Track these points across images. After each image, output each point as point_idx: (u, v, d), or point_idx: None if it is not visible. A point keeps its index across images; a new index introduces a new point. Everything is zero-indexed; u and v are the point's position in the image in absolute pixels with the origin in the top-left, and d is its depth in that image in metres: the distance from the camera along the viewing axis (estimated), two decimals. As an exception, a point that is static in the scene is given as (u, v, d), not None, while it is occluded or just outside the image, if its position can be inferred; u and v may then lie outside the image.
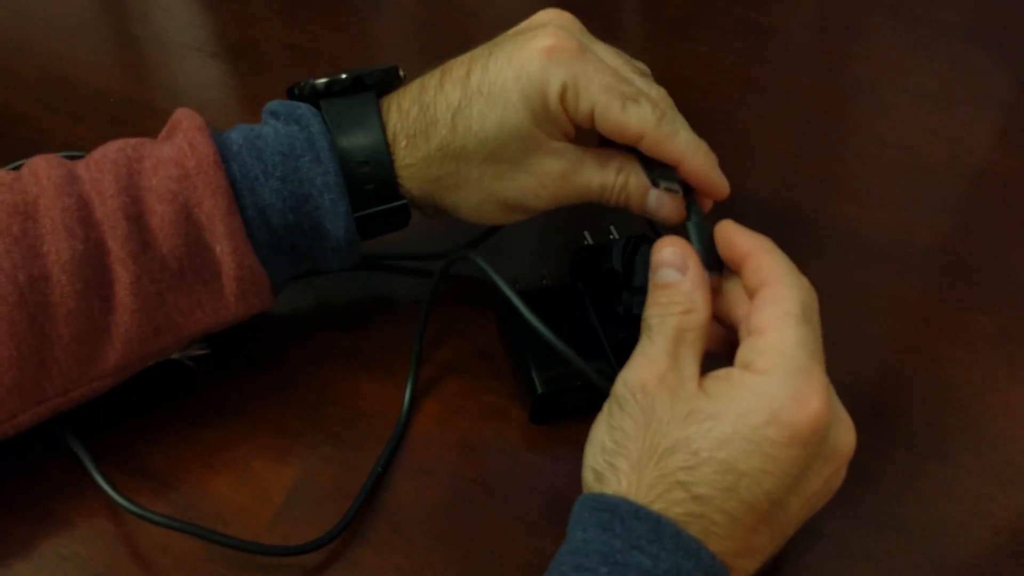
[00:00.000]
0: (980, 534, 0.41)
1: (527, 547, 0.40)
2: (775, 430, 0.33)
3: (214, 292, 0.39)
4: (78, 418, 0.42)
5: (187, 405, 0.44)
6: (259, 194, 0.39)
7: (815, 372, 0.34)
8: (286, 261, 0.42)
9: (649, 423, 0.34)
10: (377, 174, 0.41)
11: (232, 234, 0.38)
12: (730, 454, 0.33)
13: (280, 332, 0.47)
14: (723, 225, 0.39)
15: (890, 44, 0.66)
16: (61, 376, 0.38)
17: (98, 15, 0.67)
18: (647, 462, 0.34)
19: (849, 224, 0.53)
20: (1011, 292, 0.50)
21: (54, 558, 0.39)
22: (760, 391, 0.33)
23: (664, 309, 0.37)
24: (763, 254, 0.37)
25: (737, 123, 0.59)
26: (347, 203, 0.40)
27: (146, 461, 0.42)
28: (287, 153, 0.39)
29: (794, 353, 0.34)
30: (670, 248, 0.38)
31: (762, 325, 0.35)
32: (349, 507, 0.40)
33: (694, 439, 0.33)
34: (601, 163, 0.41)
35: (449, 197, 0.42)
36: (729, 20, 0.67)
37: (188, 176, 0.38)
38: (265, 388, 0.45)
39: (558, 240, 0.51)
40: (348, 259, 0.43)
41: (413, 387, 0.44)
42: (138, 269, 0.37)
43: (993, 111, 0.61)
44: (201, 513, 0.40)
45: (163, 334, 0.39)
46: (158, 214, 0.38)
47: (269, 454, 0.42)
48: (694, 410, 0.34)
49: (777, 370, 0.34)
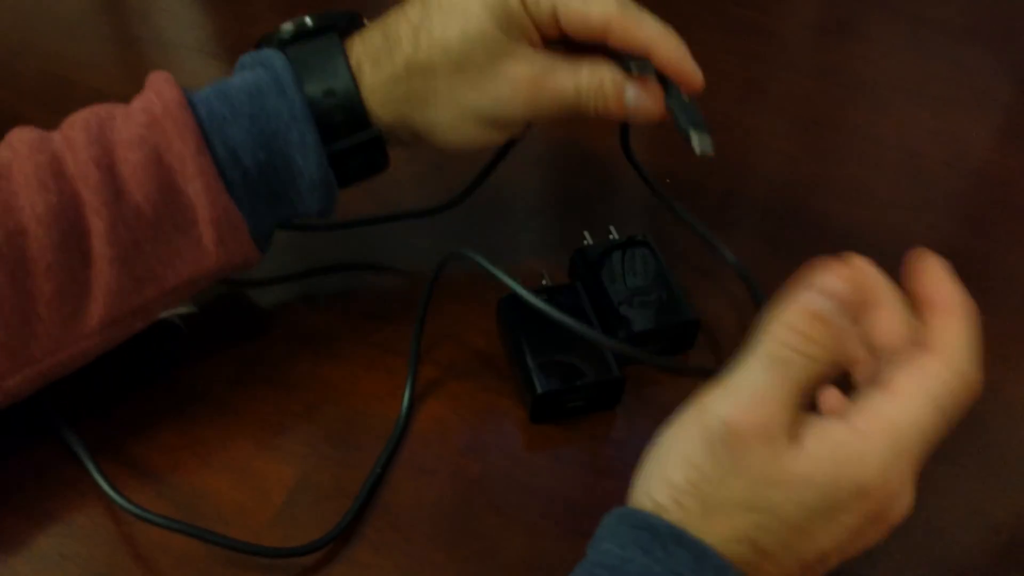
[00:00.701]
0: (979, 534, 0.41)
1: (527, 547, 0.40)
2: (858, 503, 0.31)
3: (192, 240, 0.39)
4: (78, 418, 0.42)
5: (187, 405, 0.44)
6: (228, 134, 0.39)
7: (916, 463, 0.32)
8: (263, 205, 0.41)
9: (737, 473, 0.31)
10: (344, 102, 0.41)
11: (203, 173, 0.38)
12: (811, 520, 0.31)
13: (280, 332, 0.47)
14: (921, 256, 0.34)
15: (890, 44, 0.66)
16: (47, 335, 0.38)
17: (98, 15, 0.67)
18: (720, 513, 0.31)
19: (848, 224, 0.53)
20: (1010, 292, 0.50)
21: (54, 557, 0.39)
22: (859, 459, 0.31)
23: (804, 346, 0.31)
24: (954, 318, 0.32)
25: (737, 123, 0.59)
26: (315, 135, 0.40)
27: (146, 461, 0.42)
28: (253, 93, 0.40)
29: (906, 436, 0.31)
30: (845, 276, 0.31)
31: (896, 387, 0.31)
32: (349, 507, 0.40)
33: (780, 505, 0.31)
34: (573, 66, 0.41)
35: (422, 116, 0.41)
36: (729, 20, 0.67)
37: (156, 121, 0.38)
38: (265, 388, 0.45)
39: (558, 240, 0.51)
40: (326, 201, 0.42)
41: (412, 387, 0.44)
42: (112, 217, 0.37)
43: (992, 111, 0.61)
44: (201, 513, 0.40)
45: (144, 285, 0.39)
46: (129, 161, 0.38)
47: (269, 454, 0.42)
48: (788, 473, 0.31)
49: (885, 446, 0.31)
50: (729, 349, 0.47)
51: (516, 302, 0.45)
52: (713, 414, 0.31)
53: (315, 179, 0.41)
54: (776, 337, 0.31)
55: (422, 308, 0.45)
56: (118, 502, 0.39)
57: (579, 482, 0.42)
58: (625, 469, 0.42)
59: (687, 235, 0.52)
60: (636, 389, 0.45)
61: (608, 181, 0.56)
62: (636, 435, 0.44)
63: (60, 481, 0.41)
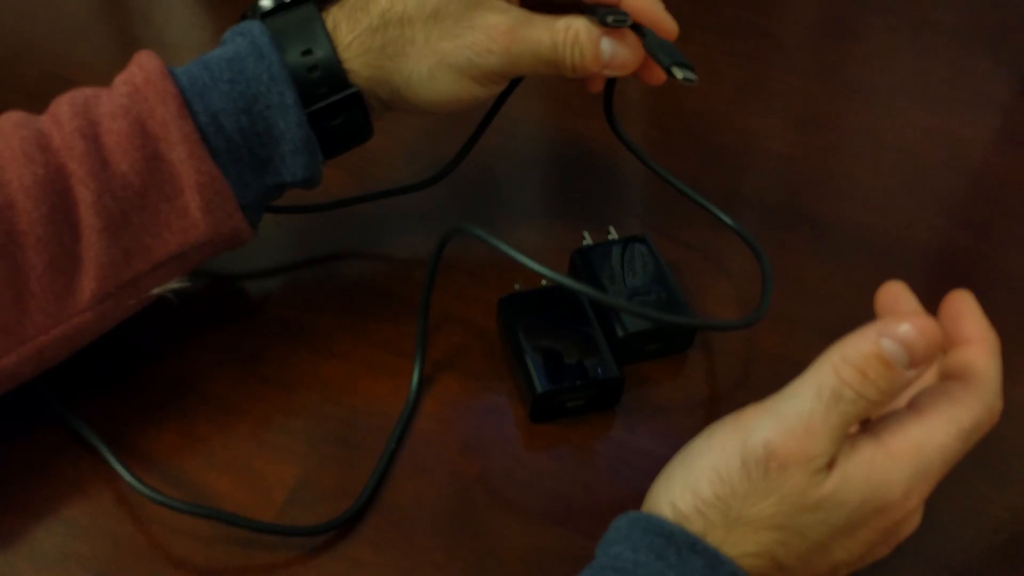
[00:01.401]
0: (978, 533, 0.41)
1: (527, 546, 0.40)
2: (877, 519, 0.32)
3: (179, 209, 0.39)
4: (78, 417, 0.43)
5: (188, 405, 0.44)
6: (209, 100, 0.39)
7: (934, 483, 0.33)
8: (248, 172, 0.41)
9: (768, 495, 0.31)
10: (322, 62, 0.41)
11: (186, 138, 0.38)
12: (833, 539, 0.32)
13: (280, 332, 0.47)
14: (962, 296, 0.35)
15: (888, 45, 0.66)
16: (40, 311, 0.38)
17: (100, 16, 0.67)
18: (744, 528, 0.32)
19: (847, 225, 0.53)
20: (1008, 292, 0.50)
21: (56, 556, 0.39)
22: (886, 480, 0.31)
23: (863, 388, 0.31)
24: (986, 352, 0.34)
25: (735, 124, 0.59)
26: (294, 95, 0.40)
27: (148, 460, 0.42)
28: (232, 59, 0.40)
29: (932, 459, 0.32)
30: (926, 331, 0.31)
31: (927, 412, 0.32)
32: (351, 505, 0.40)
33: (810, 526, 0.31)
34: (548, 21, 0.41)
35: (399, 68, 0.41)
36: (727, 21, 0.67)
37: (138, 90, 0.39)
38: (266, 388, 0.45)
39: (558, 240, 0.51)
40: (311, 167, 0.42)
41: (419, 380, 0.44)
42: (99, 187, 0.38)
43: (991, 112, 0.61)
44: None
45: (134, 258, 0.39)
46: (113, 131, 0.38)
47: (271, 453, 0.43)
48: (823, 500, 0.31)
49: (912, 468, 0.32)
50: (728, 349, 0.47)
51: (516, 301, 0.46)
52: (756, 434, 0.32)
53: (297, 141, 0.41)
54: (838, 372, 0.31)
55: (428, 280, 0.45)
56: (134, 486, 0.39)
57: (579, 482, 0.42)
58: (625, 469, 0.43)
59: (687, 235, 0.52)
60: (636, 389, 0.45)
61: (607, 181, 0.56)
62: (636, 435, 0.44)
63: (62, 479, 0.41)
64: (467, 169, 0.51)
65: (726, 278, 0.50)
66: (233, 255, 0.45)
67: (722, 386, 0.46)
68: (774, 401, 0.33)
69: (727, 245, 0.52)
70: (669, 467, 0.35)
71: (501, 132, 0.58)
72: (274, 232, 0.52)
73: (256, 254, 0.51)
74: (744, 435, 0.32)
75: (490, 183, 0.53)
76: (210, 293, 0.49)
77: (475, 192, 0.50)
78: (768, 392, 0.45)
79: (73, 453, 0.42)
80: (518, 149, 0.51)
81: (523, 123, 0.59)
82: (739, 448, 0.32)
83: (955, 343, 0.34)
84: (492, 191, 0.55)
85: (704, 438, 0.34)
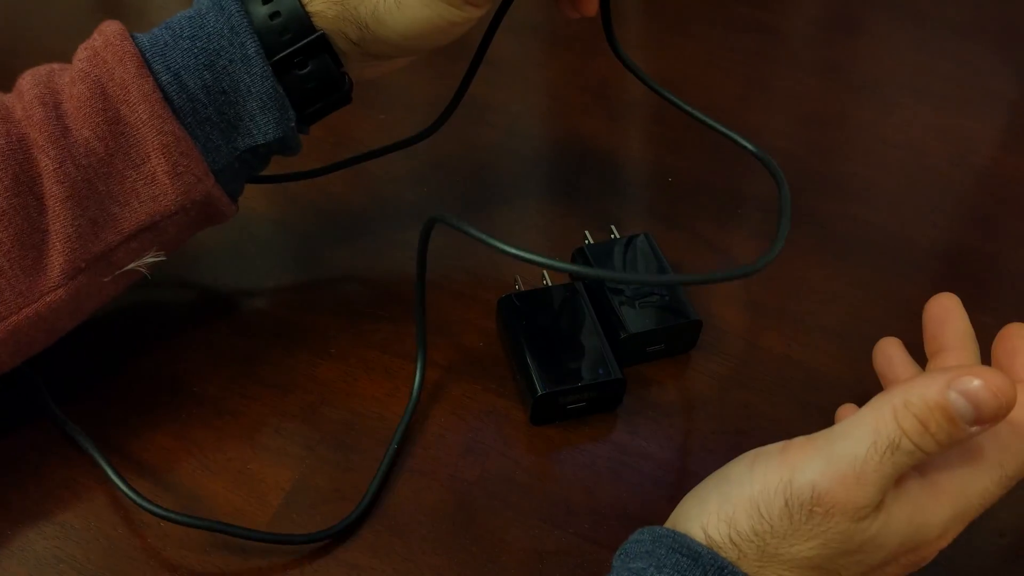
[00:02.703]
0: (983, 536, 0.40)
1: (528, 550, 0.39)
2: (907, 556, 0.32)
3: (146, 175, 0.39)
4: (73, 419, 0.42)
5: (183, 407, 0.44)
6: (170, 57, 0.39)
7: (967, 523, 0.32)
8: (217, 133, 0.40)
9: (810, 538, 0.30)
10: (282, 4, 0.39)
11: (146, 97, 0.38)
12: (863, 574, 0.31)
13: (277, 332, 0.47)
14: (1020, 331, 0.34)
15: (894, 42, 0.65)
16: (11, 289, 0.37)
17: (95, 14, 0.67)
18: (779, 564, 0.31)
19: (852, 223, 0.53)
20: (1015, 292, 0.50)
21: (49, 559, 0.39)
22: (927, 521, 0.31)
23: (922, 440, 0.29)
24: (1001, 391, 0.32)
25: (739, 121, 0.59)
26: (256, 44, 0.39)
27: (141, 463, 0.42)
28: (193, 16, 0.39)
29: (972, 503, 0.32)
30: (1000, 392, 0.29)
31: (972, 453, 0.32)
32: (352, 508, 0.40)
33: (847, 566, 0.31)
34: None
35: (364, 2, 0.39)
36: (732, 17, 0.67)
37: (97, 54, 0.38)
38: (262, 390, 0.45)
39: (558, 240, 0.51)
40: (281, 122, 0.40)
41: (421, 384, 0.44)
42: (60, 155, 0.37)
43: (997, 109, 0.60)
44: (197, 515, 0.40)
45: (102, 229, 0.38)
46: (74, 96, 0.38)
47: (266, 456, 0.42)
48: (865, 543, 0.31)
49: (951, 511, 0.31)
50: (730, 351, 0.47)
51: (516, 301, 0.45)
52: (803, 475, 0.30)
53: (264, 96, 0.40)
54: (898, 419, 0.30)
55: (419, 275, 0.43)
56: (130, 496, 0.39)
57: (580, 485, 0.42)
58: (627, 472, 0.42)
59: (689, 234, 0.51)
60: (637, 390, 0.45)
61: (609, 180, 0.55)
62: (637, 437, 0.43)
63: (56, 481, 0.41)
64: (467, 167, 0.50)
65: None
66: (228, 255, 0.45)
67: (725, 388, 0.45)
68: (826, 440, 0.31)
69: (730, 243, 0.51)
70: (703, 489, 0.33)
71: (501, 129, 0.57)
72: (270, 233, 0.52)
73: (251, 254, 0.50)
74: (790, 474, 0.31)
75: (490, 182, 0.52)
76: (205, 294, 0.49)
77: (475, 191, 0.50)
78: (769, 393, 0.45)
79: (67, 455, 0.42)
80: (519, 147, 0.51)
81: (523, 121, 0.59)
82: (784, 487, 0.31)
83: (1012, 373, 0.33)
84: (493, 190, 0.54)
85: (745, 465, 0.33)
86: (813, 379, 0.45)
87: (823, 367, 0.46)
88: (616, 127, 0.52)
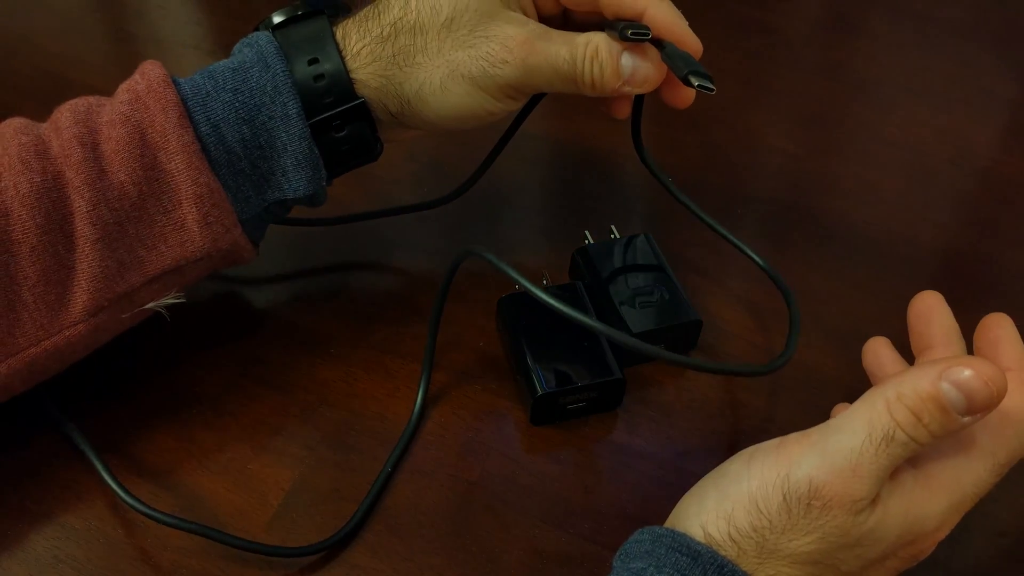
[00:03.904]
0: (984, 536, 0.40)
1: (528, 550, 0.39)
2: (906, 549, 0.32)
3: (176, 221, 0.39)
4: (73, 419, 0.42)
5: (183, 407, 0.44)
6: (211, 108, 0.39)
7: (963, 514, 0.33)
8: (249, 186, 0.40)
9: (808, 532, 0.31)
10: (328, 67, 0.40)
11: (185, 148, 0.38)
12: (864, 569, 0.32)
13: (277, 333, 0.47)
14: (1000, 321, 0.35)
15: (894, 42, 0.65)
16: (32, 323, 0.37)
17: (94, 12, 0.67)
18: (778, 560, 0.31)
19: (852, 223, 0.53)
20: (1016, 291, 0.50)
21: (49, 560, 0.39)
22: (923, 514, 0.31)
23: (915, 431, 0.30)
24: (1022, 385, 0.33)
25: (739, 121, 0.59)
26: (298, 105, 0.39)
27: (142, 463, 0.42)
28: (237, 68, 0.40)
29: (967, 493, 0.32)
30: (991, 381, 0.29)
31: (964, 443, 0.32)
32: (353, 511, 0.40)
33: (846, 560, 0.31)
34: (567, 36, 0.40)
35: (410, 79, 0.40)
36: (732, 17, 0.67)
37: (139, 98, 0.38)
38: (262, 390, 0.44)
39: (558, 240, 0.51)
40: (314, 182, 0.41)
41: (427, 388, 0.44)
42: (95, 197, 0.37)
43: (997, 109, 0.60)
44: (197, 516, 0.40)
45: (128, 270, 0.38)
46: (112, 139, 0.38)
47: (266, 456, 0.42)
48: (863, 537, 0.31)
49: (947, 502, 0.32)
50: (730, 352, 0.47)
51: (516, 302, 0.45)
52: (800, 470, 0.31)
53: (299, 154, 0.40)
54: (892, 411, 0.30)
55: (436, 311, 0.44)
56: (124, 499, 0.39)
57: (580, 485, 0.42)
58: (627, 472, 0.42)
59: (689, 234, 0.51)
60: (637, 391, 0.45)
61: (609, 180, 0.55)
62: (637, 437, 0.43)
63: (56, 483, 0.41)
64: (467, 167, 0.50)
65: (730, 278, 0.50)
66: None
67: (724, 388, 0.45)
68: (821, 435, 0.32)
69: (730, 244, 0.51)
70: (701, 488, 0.34)
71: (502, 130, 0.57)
72: (271, 235, 0.51)
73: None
74: (787, 469, 0.31)
75: (491, 182, 0.52)
76: (206, 295, 0.49)
77: (475, 191, 0.50)
78: (768, 393, 0.45)
79: (67, 457, 0.42)
80: (519, 147, 0.51)
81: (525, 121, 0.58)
82: (781, 482, 0.31)
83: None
84: (493, 190, 0.54)
85: (742, 462, 0.33)
86: (813, 379, 0.45)
87: (823, 367, 0.46)
88: (616, 127, 0.52)
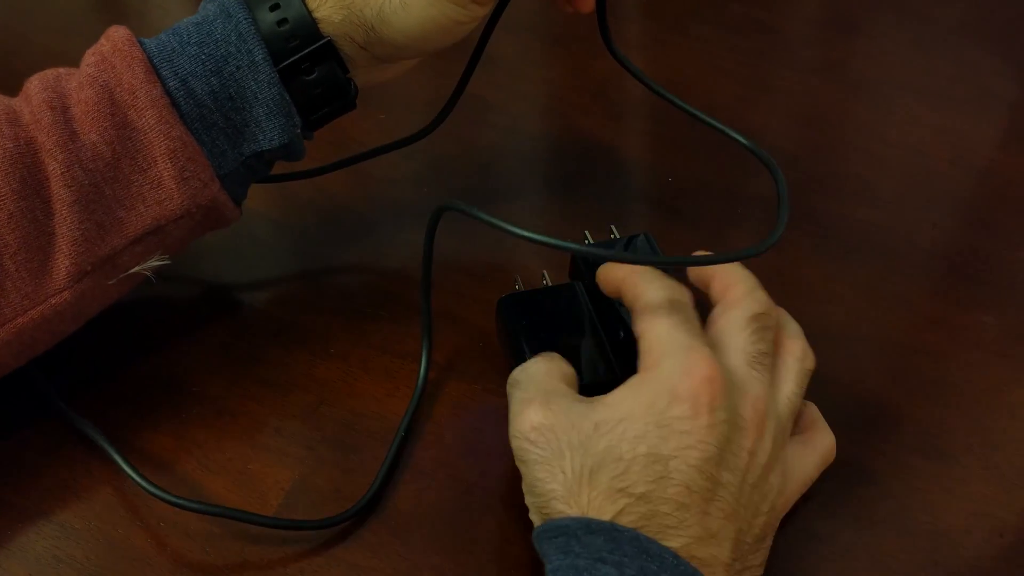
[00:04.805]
0: (984, 536, 0.40)
1: (528, 550, 0.39)
2: (678, 406, 0.34)
3: (153, 180, 0.39)
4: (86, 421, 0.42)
5: (182, 406, 0.44)
6: (177, 63, 0.39)
7: (697, 346, 0.36)
8: (223, 138, 0.40)
9: (561, 456, 0.35)
10: (290, 11, 0.39)
11: (154, 102, 0.38)
12: (651, 445, 0.34)
13: (277, 332, 0.47)
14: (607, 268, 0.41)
15: (894, 42, 0.65)
16: (16, 291, 0.37)
17: (94, 13, 0.67)
18: (579, 491, 0.34)
19: (852, 223, 0.53)
20: (1015, 292, 0.50)
21: (48, 559, 0.39)
22: (656, 379, 0.35)
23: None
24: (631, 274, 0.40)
25: (739, 121, 0.59)
26: (264, 51, 0.39)
27: (142, 463, 0.42)
28: (200, 23, 0.40)
29: (671, 337, 0.36)
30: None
31: (638, 332, 0.37)
32: (349, 508, 0.40)
33: (614, 447, 0.34)
34: None
35: (369, 4, 0.39)
36: (731, 17, 0.67)
37: (105, 59, 0.39)
38: (261, 389, 0.45)
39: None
40: (287, 129, 0.41)
41: (424, 383, 0.44)
42: (68, 158, 0.37)
43: (997, 110, 0.60)
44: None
45: (108, 233, 0.38)
46: (82, 101, 0.38)
47: (266, 456, 0.42)
48: (600, 421, 0.35)
49: (664, 356, 0.36)
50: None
51: (516, 301, 0.45)
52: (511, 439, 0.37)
53: (270, 102, 0.40)
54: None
55: (425, 275, 0.44)
56: (143, 486, 0.39)
57: (579, 484, 0.41)
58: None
59: (690, 234, 0.51)
60: (637, 390, 0.45)
61: (609, 180, 0.55)
62: (637, 437, 0.43)
63: (55, 481, 0.41)
64: (467, 167, 0.50)
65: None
66: (228, 255, 0.45)
67: (725, 387, 0.45)
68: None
69: (730, 243, 0.51)
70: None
71: (501, 130, 0.57)
72: (269, 233, 0.52)
73: (251, 254, 0.50)
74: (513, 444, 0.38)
75: (490, 182, 0.52)
76: (205, 293, 0.49)
77: (475, 192, 0.50)
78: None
79: (67, 456, 0.42)
80: (519, 147, 0.51)
81: (524, 121, 0.59)
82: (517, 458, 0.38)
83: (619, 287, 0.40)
84: (493, 190, 0.54)
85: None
86: (812, 379, 0.45)
87: (822, 367, 0.46)
88: (616, 127, 0.52)
